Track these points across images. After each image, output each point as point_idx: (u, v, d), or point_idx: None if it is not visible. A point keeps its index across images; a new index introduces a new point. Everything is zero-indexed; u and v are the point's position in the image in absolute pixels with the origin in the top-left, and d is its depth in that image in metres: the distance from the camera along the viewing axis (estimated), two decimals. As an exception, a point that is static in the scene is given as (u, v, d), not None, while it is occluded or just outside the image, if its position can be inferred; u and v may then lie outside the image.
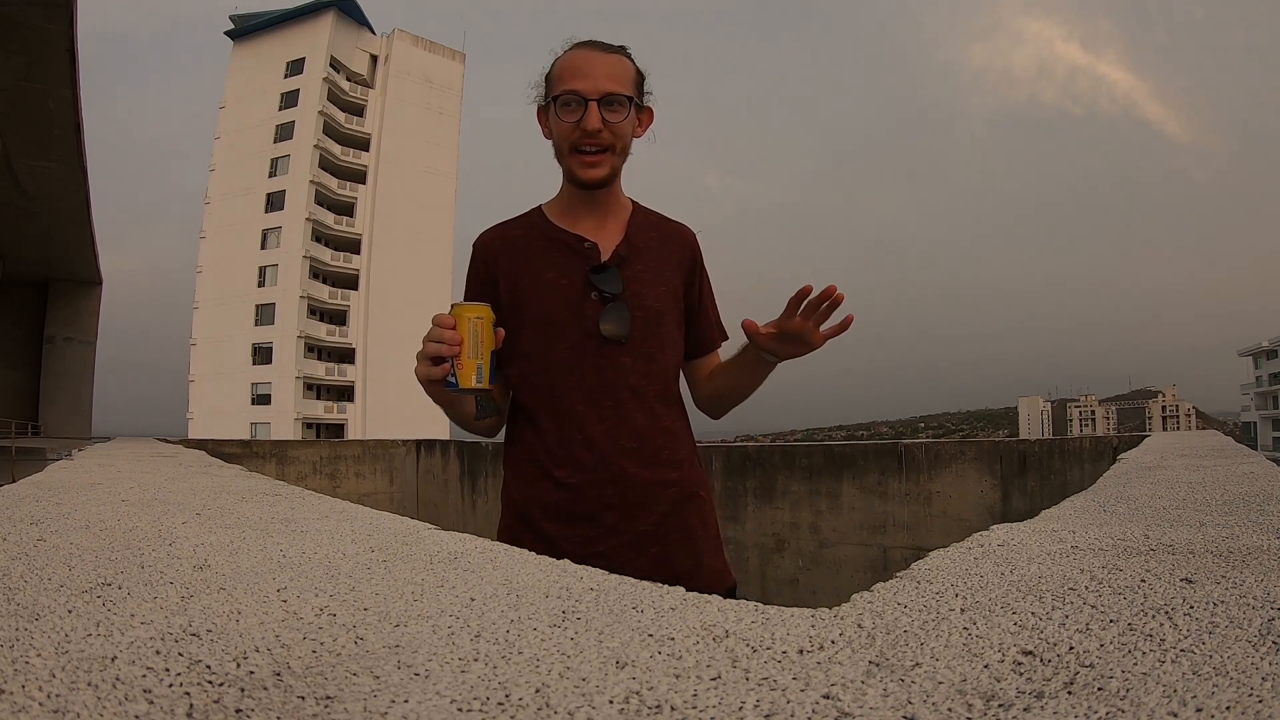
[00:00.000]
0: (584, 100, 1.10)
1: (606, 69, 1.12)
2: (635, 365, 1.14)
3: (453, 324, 1.01)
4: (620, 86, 1.12)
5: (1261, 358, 68.02)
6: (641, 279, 1.17)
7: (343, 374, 39.33)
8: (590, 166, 1.13)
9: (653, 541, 1.14)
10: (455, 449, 5.44)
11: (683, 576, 1.06)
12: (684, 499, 1.18)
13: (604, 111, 1.10)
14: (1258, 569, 0.55)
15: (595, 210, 1.19)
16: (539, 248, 1.19)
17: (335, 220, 40.01)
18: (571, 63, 1.13)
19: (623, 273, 1.16)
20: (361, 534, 0.83)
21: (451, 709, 0.34)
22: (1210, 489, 1.02)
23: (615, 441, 1.13)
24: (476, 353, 1.01)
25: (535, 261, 1.18)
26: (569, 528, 1.14)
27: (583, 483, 1.13)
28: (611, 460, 1.13)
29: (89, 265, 18.46)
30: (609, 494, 1.13)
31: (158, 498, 1.20)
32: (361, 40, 42.75)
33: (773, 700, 0.34)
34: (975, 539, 0.72)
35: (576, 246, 1.17)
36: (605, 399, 1.14)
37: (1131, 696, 0.33)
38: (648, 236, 1.22)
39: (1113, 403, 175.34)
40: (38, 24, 8.46)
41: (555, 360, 1.15)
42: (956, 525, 3.07)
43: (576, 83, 1.11)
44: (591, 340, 1.13)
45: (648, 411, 1.16)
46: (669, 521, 1.16)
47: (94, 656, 0.41)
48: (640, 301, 1.16)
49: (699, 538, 1.19)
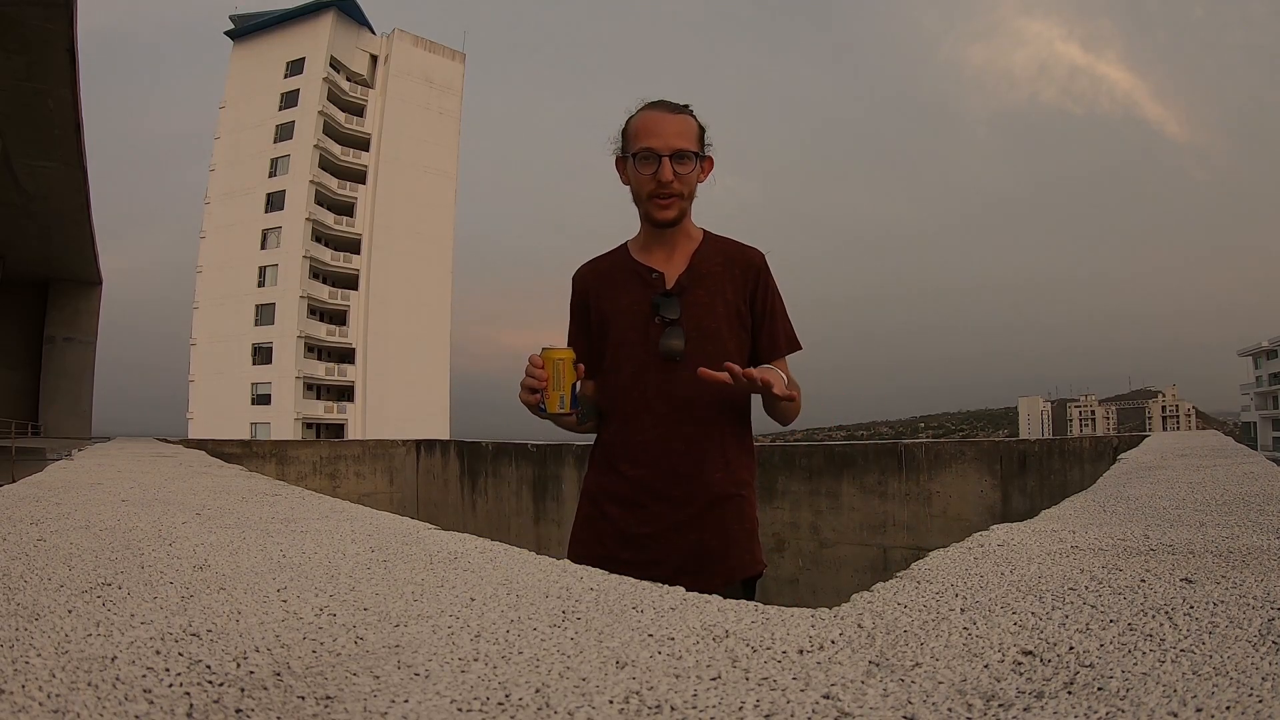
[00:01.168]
0: (658, 156, 1.31)
1: (676, 128, 1.33)
2: (690, 379, 1.29)
3: (541, 364, 1.28)
4: (688, 143, 1.33)
5: (1261, 358, 68.01)
6: (700, 302, 1.36)
7: (343, 374, 39.32)
8: (663, 209, 1.34)
9: (691, 529, 1.33)
10: (455, 449, 5.44)
11: (716, 558, 1.34)
12: (724, 497, 1.35)
13: (675, 165, 1.31)
14: (1258, 569, 0.55)
15: (666, 244, 1.40)
16: (620, 278, 1.42)
17: (335, 220, 40.00)
18: (646, 122, 1.34)
19: (683, 298, 1.36)
20: (361, 534, 0.83)
21: (451, 709, 0.34)
22: (1210, 489, 1.02)
23: (667, 444, 1.34)
24: (559, 385, 1.28)
25: (616, 290, 1.41)
26: (626, 511, 1.36)
27: (638, 476, 1.35)
28: (663, 459, 1.34)
29: (89, 265, 18.47)
30: (659, 486, 1.34)
31: (158, 498, 1.20)
32: (361, 40, 42.75)
33: (773, 700, 0.34)
34: (975, 539, 0.72)
35: (646, 276, 1.39)
36: (662, 407, 1.34)
37: (1131, 696, 0.33)
38: (712, 263, 1.39)
39: (1113, 403, 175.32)
40: (38, 24, 8.46)
41: (625, 374, 1.37)
42: (956, 525, 3.07)
43: (651, 140, 1.32)
44: (653, 357, 1.34)
45: (698, 419, 1.34)
46: (707, 514, 1.34)
47: (94, 656, 0.41)
48: (696, 323, 1.35)
49: (733, 529, 1.37)
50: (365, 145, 41.77)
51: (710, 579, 1.31)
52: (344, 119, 41.11)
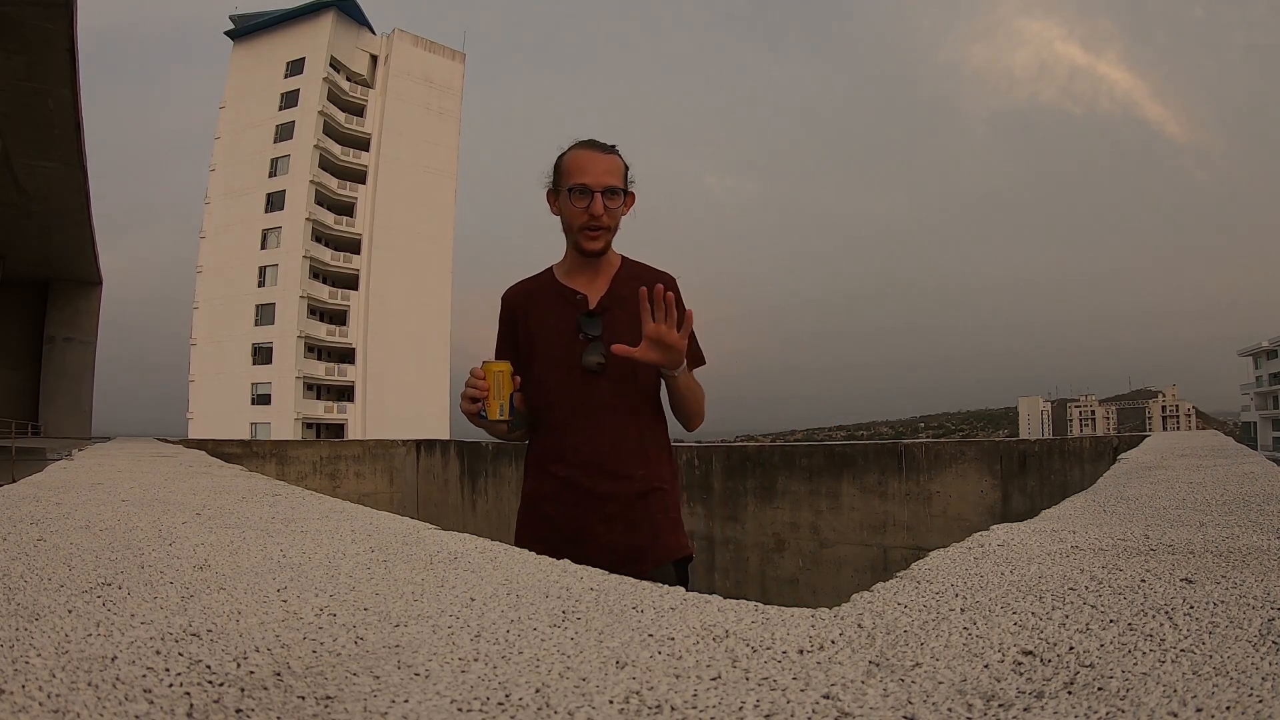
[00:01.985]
0: (591, 192, 1.45)
1: (606, 166, 1.47)
2: (611, 388, 1.47)
3: (483, 375, 1.42)
4: (616, 181, 1.47)
5: (1261, 358, 67.99)
6: (620, 321, 1.49)
7: (343, 374, 39.32)
8: (593, 240, 1.48)
9: (618, 521, 1.46)
10: (455, 449, 5.44)
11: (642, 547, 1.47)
12: (647, 491, 1.50)
13: (605, 200, 1.45)
14: (1258, 569, 0.55)
15: (589, 269, 1.54)
16: (545, 299, 1.55)
17: (335, 220, 40.00)
18: (579, 160, 1.47)
19: (604, 317, 1.50)
20: (361, 534, 0.83)
21: (451, 709, 0.34)
22: (1210, 489, 1.02)
23: (594, 446, 1.48)
24: (499, 394, 1.42)
25: (542, 310, 1.55)
26: (560, 509, 1.49)
27: (568, 475, 1.48)
28: (590, 460, 1.47)
29: (89, 265, 18.46)
30: (588, 484, 1.47)
31: (158, 498, 1.20)
32: (361, 40, 42.74)
33: (773, 700, 0.34)
34: (975, 539, 0.72)
35: (570, 298, 1.53)
36: (588, 414, 1.48)
37: (1131, 696, 0.33)
38: (629, 286, 1.50)
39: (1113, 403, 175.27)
40: (38, 24, 8.46)
41: (553, 385, 1.50)
42: (956, 525, 3.07)
43: (585, 177, 1.45)
44: (577, 370, 1.48)
45: (619, 424, 1.49)
46: (633, 507, 1.47)
47: (94, 656, 0.41)
48: (615, 339, 1.45)
49: (658, 520, 1.50)
50: (365, 145, 41.77)
51: (643, 564, 1.42)
52: (344, 119, 41.10)
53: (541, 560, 0.69)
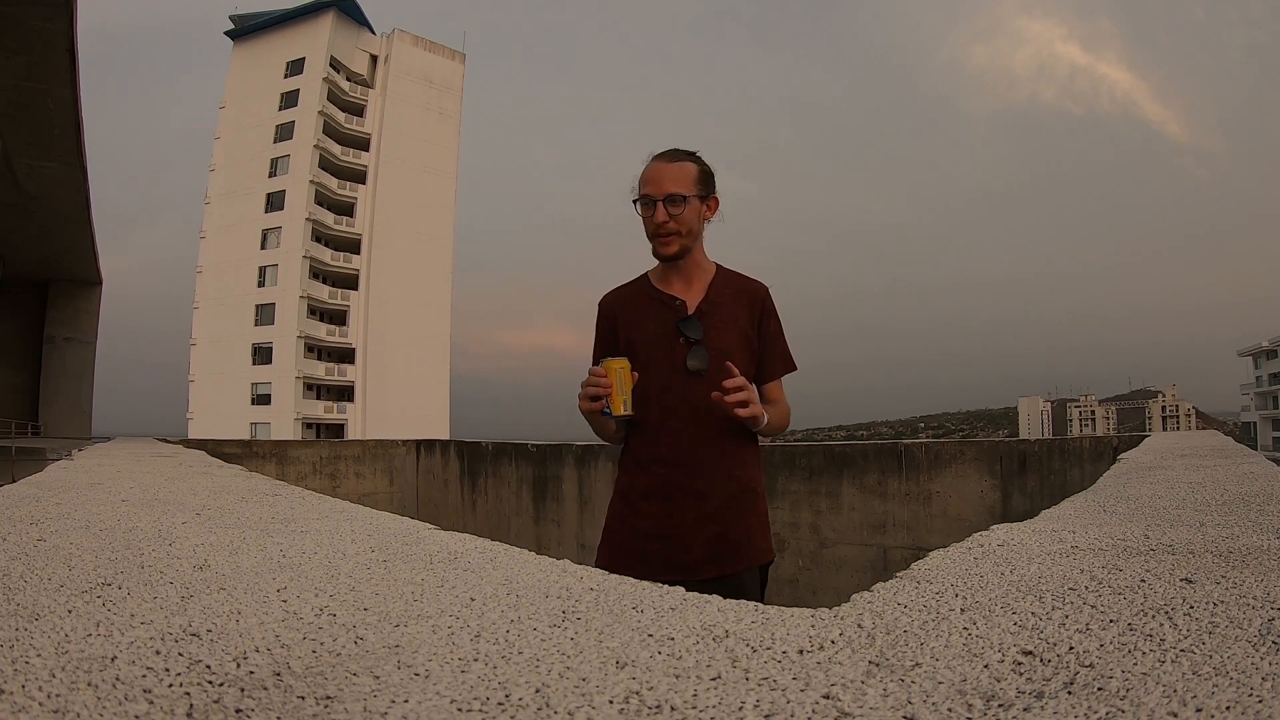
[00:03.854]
0: (654, 201, 1.50)
1: (671, 175, 1.52)
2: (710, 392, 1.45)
3: (604, 373, 1.46)
4: (681, 188, 1.51)
5: (1261, 358, 67.97)
6: (717, 326, 1.54)
7: (343, 374, 39.31)
8: (664, 245, 1.53)
9: (715, 520, 1.49)
10: (455, 449, 5.44)
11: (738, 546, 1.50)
12: (741, 493, 1.53)
13: (668, 208, 1.50)
14: (1258, 569, 0.55)
15: (682, 275, 1.59)
16: (644, 304, 1.60)
17: (335, 220, 39.99)
18: (647, 172, 1.54)
19: (703, 322, 1.54)
20: (361, 534, 0.83)
21: (451, 709, 0.34)
22: (1210, 489, 1.02)
23: (693, 447, 1.51)
24: (622, 390, 1.46)
25: (641, 315, 1.59)
26: (657, 505, 1.51)
27: (668, 475, 1.51)
28: (689, 459, 1.51)
29: (89, 265, 18.47)
30: (686, 483, 1.50)
31: (158, 498, 1.20)
32: (361, 40, 42.74)
33: (773, 700, 0.34)
34: (975, 539, 0.72)
35: (669, 303, 1.57)
36: (688, 416, 1.51)
37: (1131, 696, 0.33)
38: (724, 293, 1.58)
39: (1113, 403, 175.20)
40: (38, 24, 8.46)
41: (655, 388, 1.52)
42: (956, 525, 3.07)
43: (648, 188, 1.52)
44: (679, 374, 1.51)
45: (719, 427, 1.50)
46: (727, 507, 1.51)
47: (94, 656, 0.41)
48: (716, 344, 1.52)
49: (750, 521, 1.54)
50: (365, 145, 41.76)
51: (734, 564, 1.48)
52: (344, 119, 41.10)
53: (541, 560, 0.69)
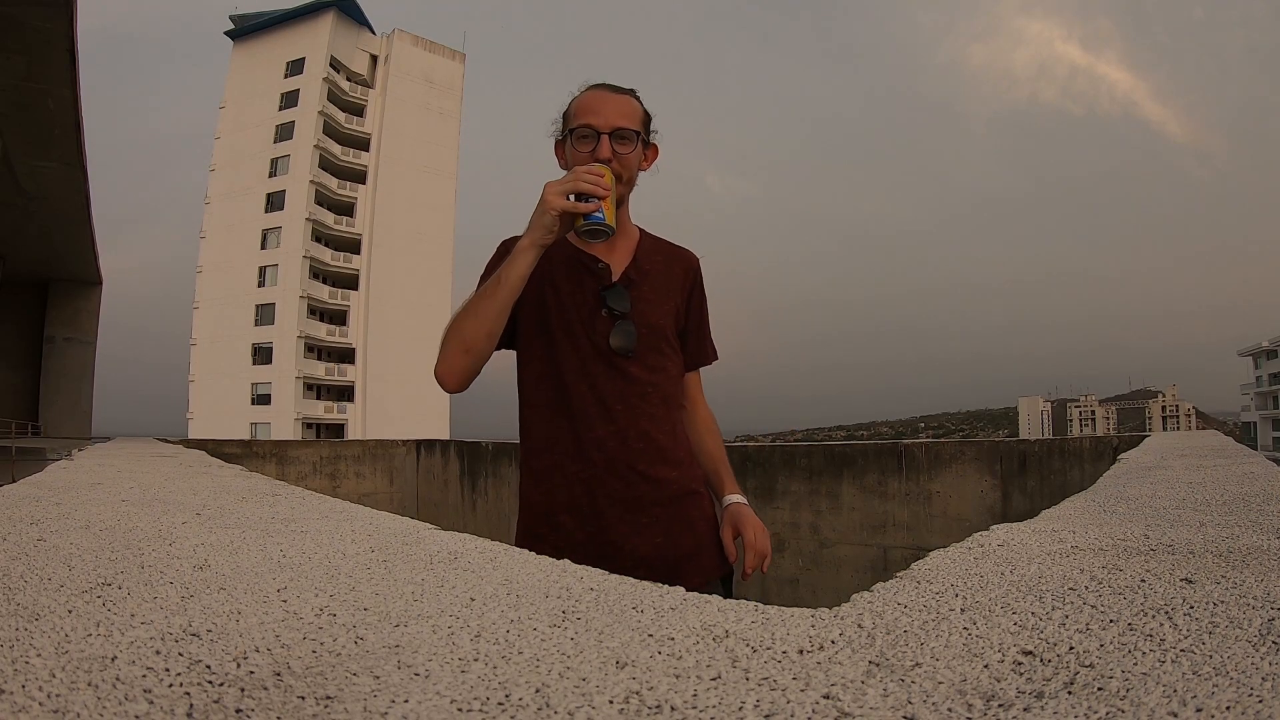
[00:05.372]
0: (597, 133, 1.23)
1: (617, 107, 1.25)
2: (641, 374, 1.26)
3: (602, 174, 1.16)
4: (629, 123, 1.25)
5: (1261, 358, 67.97)
6: (647, 298, 1.30)
7: (343, 374, 39.31)
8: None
9: (656, 531, 1.25)
10: (455, 449, 5.44)
11: (684, 559, 1.25)
12: (684, 494, 1.30)
13: (614, 144, 1.23)
14: (1258, 569, 0.55)
15: None
16: (559, 262, 1.29)
17: (335, 220, 40.00)
18: (586, 101, 1.27)
19: (630, 293, 1.28)
20: (361, 534, 0.83)
21: (451, 709, 0.34)
22: (1210, 489, 1.02)
23: (623, 442, 1.25)
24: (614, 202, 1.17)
25: (555, 274, 1.29)
26: (582, 519, 1.25)
27: (593, 479, 1.24)
28: (619, 459, 1.24)
29: (89, 265, 18.46)
30: (617, 489, 1.24)
31: (158, 498, 1.20)
32: (361, 40, 42.74)
33: (773, 700, 0.34)
34: (975, 539, 0.72)
35: (591, 266, 1.29)
36: (615, 404, 1.25)
37: (1131, 696, 0.33)
38: (654, 260, 1.34)
39: (1113, 403, 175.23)
40: (38, 24, 8.46)
41: (569, 368, 1.26)
42: (956, 525, 3.07)
43: (591, 118, 1.24)
44: (601, 352, 1.26)
45: (651, 416, 1.27)
46: (670, 513, 1.27)
47: (94, 656, 0.41)
48: (645, 319, 1.28)
49: (699, 528, 1.31)
50: (365, 145, 41.78)
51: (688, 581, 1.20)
52: (344, 119, 41.11)
53: (542, 560, 0.69)
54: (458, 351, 1.23)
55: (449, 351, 1.24)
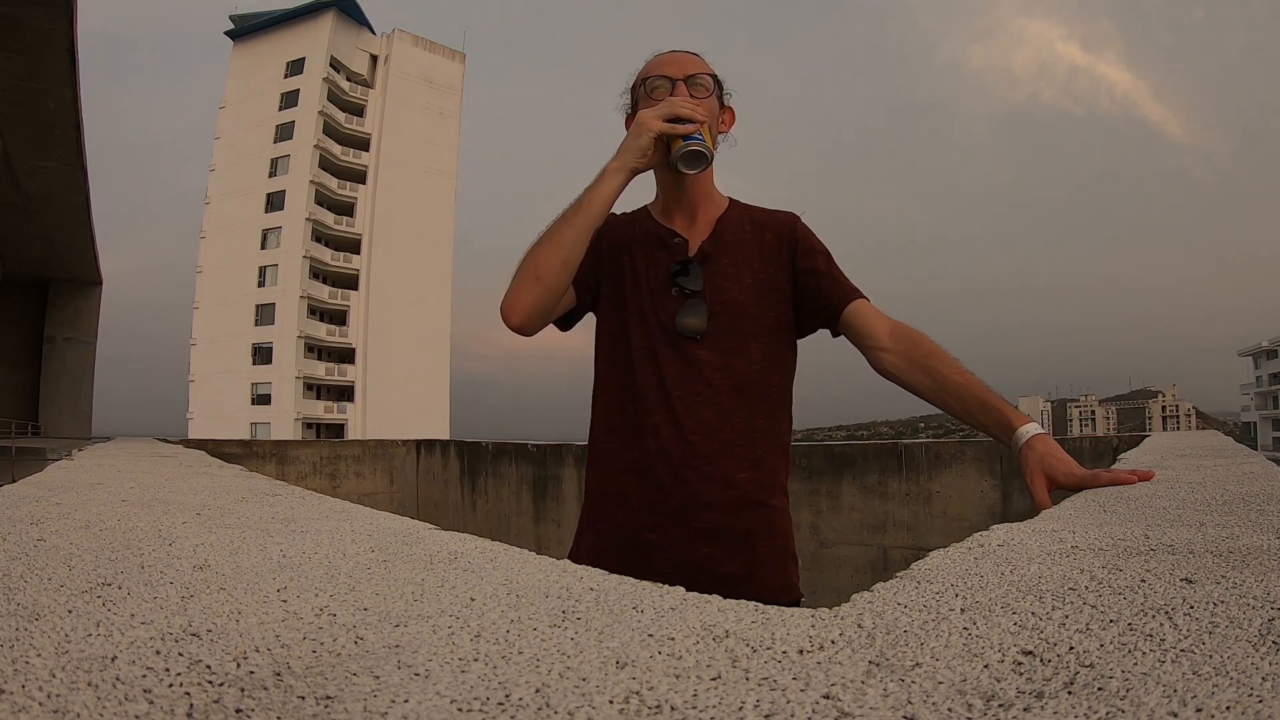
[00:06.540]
0: (671, 81, 1.16)
1: (689, 59, 1.19)
2: (709, 358, 1.13)
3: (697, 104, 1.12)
4: (703, 70, 1.19)
5: (1261, 358, 67.99)
6: (725, 274, 1.17)
7: (343, 374, 39.32)
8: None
9: (706, 539, 1.10)
10: (455, 449, 5.44)
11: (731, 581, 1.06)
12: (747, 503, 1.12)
13: (691, 89, 1.16)
14: (1258, 569, 0.55)
15: (687, 208, 1.22)
16: (637, 235, 1.22)
17: (335, 220, 40.00)
18: (657, 60, 1.20)
19: (705, 268, 1.17)
20: (361, 534, 0.83)
21: (451, 709, 0.34)
22: (1210, 489, 1.02)
23: (679, 433, 1.11)
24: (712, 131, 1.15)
25: (633, 247, 1.21)
26: (631, 513, 1.14)
27: (646, 470, 1.13)
28: (673, 451, 1.11)
29: (89, 265, 18.46)
30: (667, 484, 1.12)
31: (158, 498, 1.20)
32: (361, 40, 42.75)
33: (773, 700, 0.34)
34: (975, 539, 0.72)
35: (667, 240, 1.20)
36: (676, 390, 1.13)
37: (1131, 696, 0.33)
38: (740, 232, 1.21)
39: (1113, 403, 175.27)
40: (38, 24, 8.46)
41: (636, 348, 1.16)
42: (956, 525, 3.07)
43: (664, 68, 1.18)
44: (668, 333, 1.14)
45: (715, 406, 1.13)
46: (726, 522, 1.11)
47: (94, 656, 0.41)
48: (721, 296, 1.15)
49: (760, 546, 1.13)
50: (365, 145, 41.79)
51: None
52: (344, 119, 41.13)
53: (541, 560, 0.69)
54: (529, 279, 1.09)
55: (518, 280, 1.11)
